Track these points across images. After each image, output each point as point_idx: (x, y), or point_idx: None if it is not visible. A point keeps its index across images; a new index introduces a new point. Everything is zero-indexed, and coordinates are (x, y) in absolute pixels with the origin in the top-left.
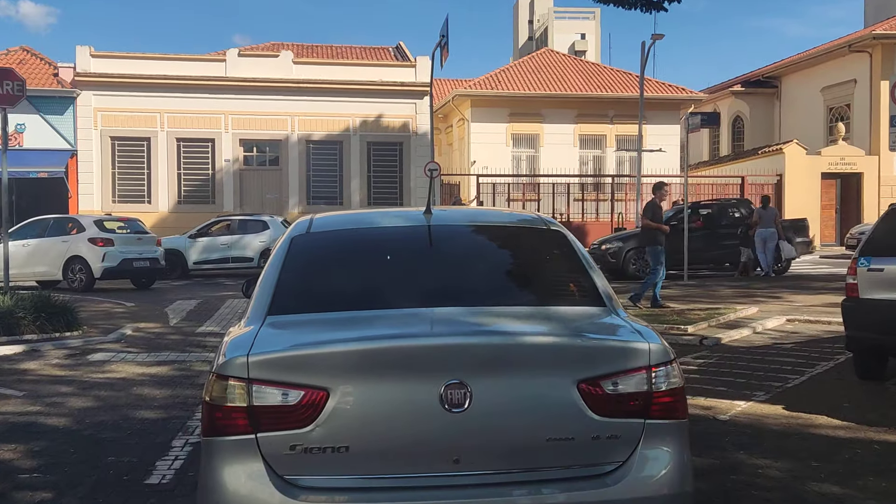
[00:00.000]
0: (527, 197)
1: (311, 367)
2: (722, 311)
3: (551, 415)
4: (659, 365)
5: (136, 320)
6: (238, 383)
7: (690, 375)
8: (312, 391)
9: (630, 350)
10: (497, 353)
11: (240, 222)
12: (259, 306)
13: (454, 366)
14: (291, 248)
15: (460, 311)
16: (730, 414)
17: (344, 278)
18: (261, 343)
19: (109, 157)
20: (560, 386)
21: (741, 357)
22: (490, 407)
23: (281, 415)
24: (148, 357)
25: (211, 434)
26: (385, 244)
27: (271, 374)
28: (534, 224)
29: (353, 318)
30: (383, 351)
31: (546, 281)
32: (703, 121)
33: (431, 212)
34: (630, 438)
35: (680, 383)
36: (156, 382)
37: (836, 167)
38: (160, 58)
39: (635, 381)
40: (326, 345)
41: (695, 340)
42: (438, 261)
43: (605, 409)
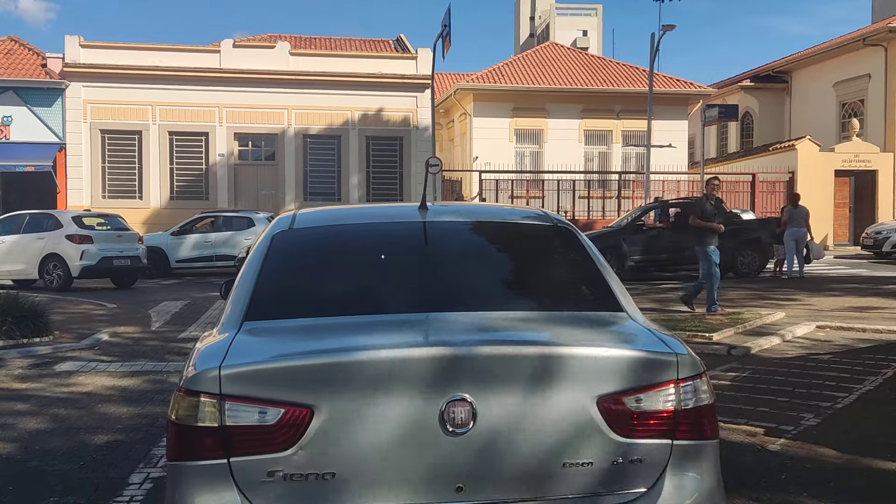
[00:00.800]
0: (531, 194)
1: (292, 382)
2: (745, 316)
3: (567, 436)
4: (687, 379)
5: (116, 324)
6: (208, 400)
7: (724, 392)
8: (294, 409)
9: (656, 362)
10: (506, 364)
11: (224, 219)
12: (235, 311)
13: (457, 380)
14: (272, 246)
15: (462, 316)
16: (780, 443)
17: (330, 280)
18: (235, 353)
19: (99, 150)
20: (577, 403)
21: (777, 370)
22: (497, 427)
23: (258, 436)
24: (121, 367)
25: (177, 458)
26: (376, 242)
27: (247, 390)
28: (540, 221)
29: (340, 325)
30: (375, 362)
31: (556, 283)
32: (720, 113)
33: (427, 207)
34: (656, 462)
35: (710, 399)
36: (124, 398)
37: (849, 164)
38: (152, 48)
39: (661, 397)
40: (311, 355)
41: (722, 350)
42: (435, 261)
43: (627, 429)
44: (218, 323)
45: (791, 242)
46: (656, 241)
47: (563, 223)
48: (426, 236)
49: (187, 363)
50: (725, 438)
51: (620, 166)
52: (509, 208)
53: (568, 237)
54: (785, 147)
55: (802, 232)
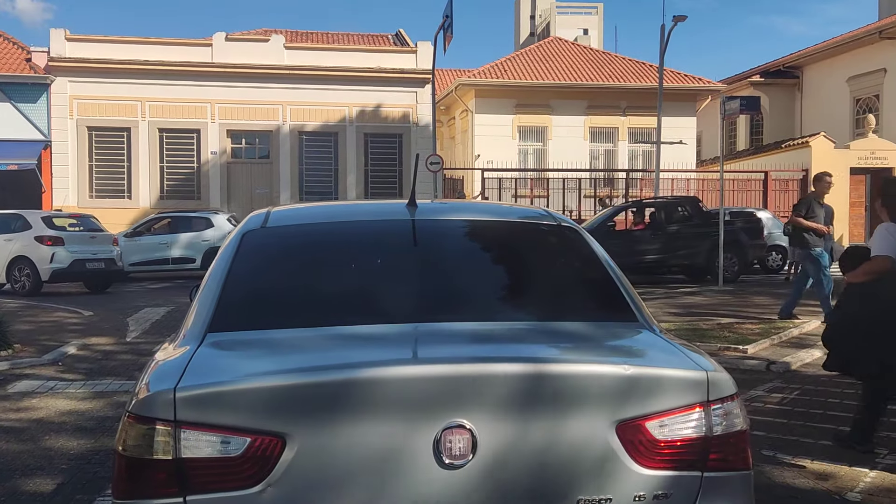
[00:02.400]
0: (534, 193)
1: (260, 406)
2: (777, 325)
3: (583, 468)
4: (719, 400)
5: (88, 334)
6: (161, 427)
7: (775, 420)
8: (263, 438)
9: (683, 381)
10: (510, 385)
11: (181, 219)
12: (197, 320)
13: (453, 403)
14: (241, 247)
15: (457, 328)
16: (859, 489)
17: (307, 285)
18: (194, 371)
19: (86, 148)
20: (594, 429)
21: (827, 390)
22: (501, 458)
23: (220, 470)
24: (83, 387)
25: (123, 496)
26: (359, 243)
27: (207, 416)
28: (542, 220)
29: (318, 339)
30: (358, 383)
31: (562, 290)
32: (742, 106)
33: (416, 204)
34: (683, 497)
35: (744, 425)
36: (78, 427)
37: (865, 161)
38: (141, 42)
39: (690, 422)
40: (282, 375)
41: (760, 365)
42: (426, 264)
43: (651, 460)
44: (178, 334)
45: None
46: (631, 245)
47: (568, 223)
48: (415, 236)
49: (139, 381)
50: (790, 483)
51: (627, 164)
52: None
53: (574, 238)
54: (798, 144)
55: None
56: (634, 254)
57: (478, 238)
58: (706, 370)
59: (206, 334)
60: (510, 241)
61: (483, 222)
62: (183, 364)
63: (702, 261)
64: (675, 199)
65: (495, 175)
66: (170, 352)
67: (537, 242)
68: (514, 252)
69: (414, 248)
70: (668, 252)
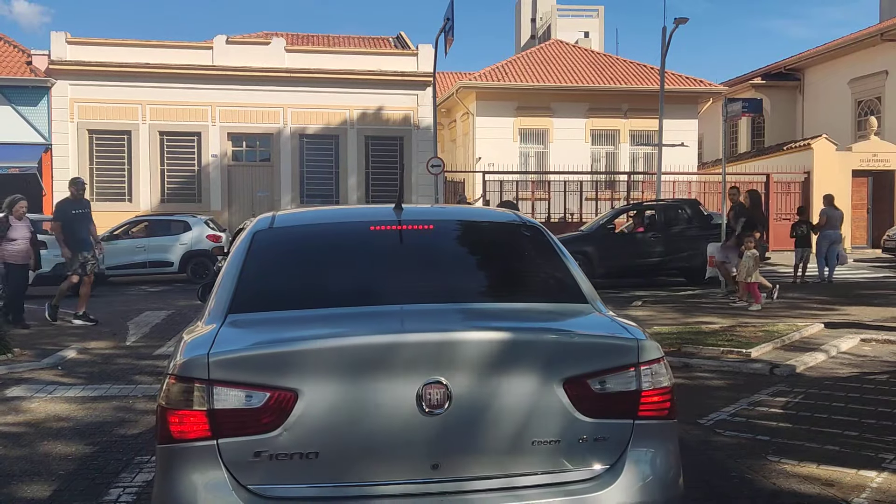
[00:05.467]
0: (535, 195)
1: (277, 367)
2: (781, 328)
3: (536, 416)
4: (647, 363)
5: (88, 338)
6: (198, 385)
7: (780, 424)
8: (279, 392)
9: (617, 346)
10: (478, 349)
11: (159, 223)
12: (219, 304)
13: (432, 364)
14: (254, 244)
15: (436, 307)
16: (865, 494)
17: (310, 275)
18: (222, 341)
19: (87, 151)
20: (545, 385)
21: (832, 394)
22: (471, 408)
23: (244, 419)
24: (82, 391)
25: (166, 441)
26: (352, 241)
27: (234, 375)
28: (509, 220)
29: (321, 316)
30: (357, 348)
31: (525, 278)
32: (744, 107)
33: (402, 208)
34: (618, 440)
35: (669, 382)
36: (76, 432)
37: (867, 164)
38: (142, 45)
39: (623, 380)
40: (294, 342)
41: (763, 369)
42: (410, 258)
43: (592, 409)
44: (203, 316)
45: (824, 244)
46: (631, 247)
47: (531, 222)
48: (401, 236)
49: (175, 352)
50: (796, 489)
51: (628, 167)
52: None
53: (536, 235)
54: (800, 146)
55: (838, 235)
56: (634, 256)
57: (454, 236)
58: (637, 338)
59: (228, 315)
60: (481, 238)
61: (459, 223)
62: (212, 336)
63: (702, 263)
64: (675, 202)
65: (496, 178)
66: (199, 329)
67: (504, 239)
68: (485, 248)
69: (400, 244)
70: (668, 254)
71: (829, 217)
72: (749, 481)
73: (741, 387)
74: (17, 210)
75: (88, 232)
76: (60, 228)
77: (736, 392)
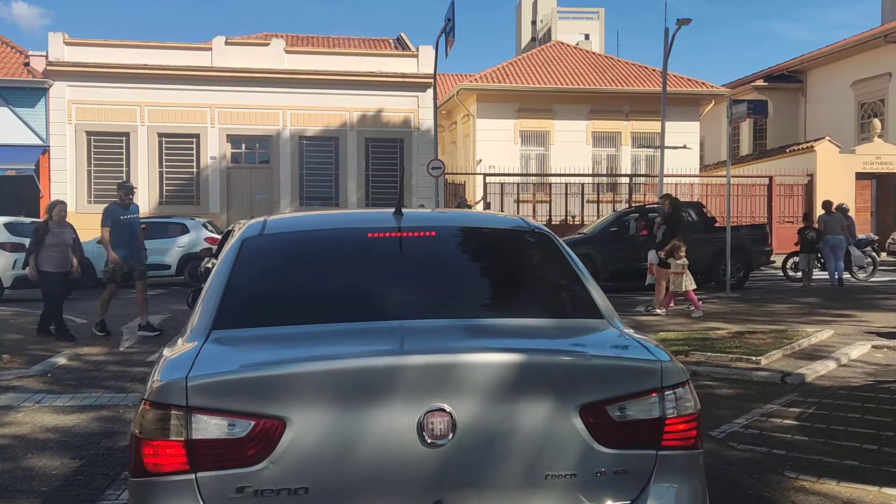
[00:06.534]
0: (537, 198)
1: (264, 392)
2: (789, 334)
3: (550, 446)
4: (672, 387)
5: (80, 343)
6: (174, 412)
7: (795, 437)
8: (266, 421)
9: (639, 369)
10: (486, 373)
11: (156, 225)
12: (203, 319)
13: (435, 389)
14: (242, 252)
15: (439, 324)
16: None
17: (302, 287)
18: (203, 363)
19: (84, 153)
20: (559, 412)
21: (847, 404)
22: (478, 438)
23: (227, 450)
24: (71, 400)
25: (140, 475)
26: (349, 249)
27: (215, 401)
28: (516, 227)
29: (314, 334)
30: (351, 372)
31: (534, 290)
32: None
33: (402, 213)
34: (640, 473)
35: (695, 408)
36: (63, 444)
37: (871, 167)
38: (140, 46)
39: (645, 406)
40: (282, 365)
41: (773, 377)
42: (411, 268)
43: (611, 439)
44: (185, 332)
45: (827, 251)
46: (634, 250)
47: (541, 229)
48: (401, 243)
49: (152, 374)
50: None
51: (630, 169)
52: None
53: (545, 243)
54: (803, 149)
55: (839, 238)
56: (637, 260)
57: (458, 244)
58: (661, 360)
59: (211, 331)
60: (488, 246)
61: (464, 230)
62: (192, 357)
63: (706, 267)
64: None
65: (497, 180)
66: (179, 347)
67: (512, 247)
68: (492, 256)
69: (399, 253)
70: None
71: (827, 223)
72: (767, 500)
73: (752, 396)
74: (56, 215)
75: (136, 238)
76: (108, 234)
77: (747, 402)
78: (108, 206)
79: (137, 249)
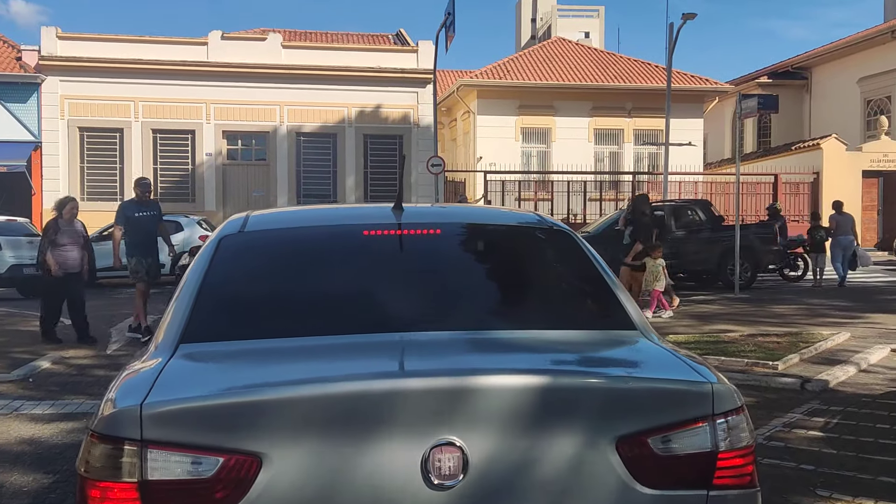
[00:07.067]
0: (538, 196)
1: (236, 423)
2: (805, 337)
3: (581, 488)
4: (724, 413)
5: (66, 346)
6: (127, 447)
7: (822, 450)
8: (238, 457)
9: (686, 393)
10: (504, 399)
11: None
12: (170, 331)
13: (443, 419)
14: (218, 253)
15: (446, 337)
16: None
17: (287, 293)
18: (164, 385)
19: (77, 149)
20: (592, 446)
21: (873, 413)
22: (494, 478)
23: (190, 493)
24: (51, 407)
25: None
26: (341, 249)
27: (176, 434)
28: (534, 224)
29: (299, 349)
30: (341, 398)
31: (556, 297)
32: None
33: (402, 208)
34: None
35: (751, 439)
36: (37, 457)
37: (878, 164)
38: (135, 40)
39: (695, 437)
40: (259, 389)
41: (793, 384)
42: (412, 271)
43: (653, 478)
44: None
45: (838, 251)
46: None
47: (560, 226)
48: (401, 242)
49: (105, 397)
50: None
51: (632, 167)
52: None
53: (566, 242)
54: (809, 146)
55: (849, 240)
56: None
57: (467, 243)
58: (710, 382)
59: (179, 345)
60: (501, 246)
61: (473, 227)
62: (152, 378)
63: (713, 267)
64: (685, 203)
65: (498, 178)
66: (139, 365)
67: (529, 248)
68: (506, 258)
69: (400, 253)
70: (677, 258)
71: (839, 223)
72: None
73: (772, 404)
74: (68, 212)
75: (155, 236)
76: (120, 233)
77: (768, 410)
78: (121, 203)
79: (154, 249)
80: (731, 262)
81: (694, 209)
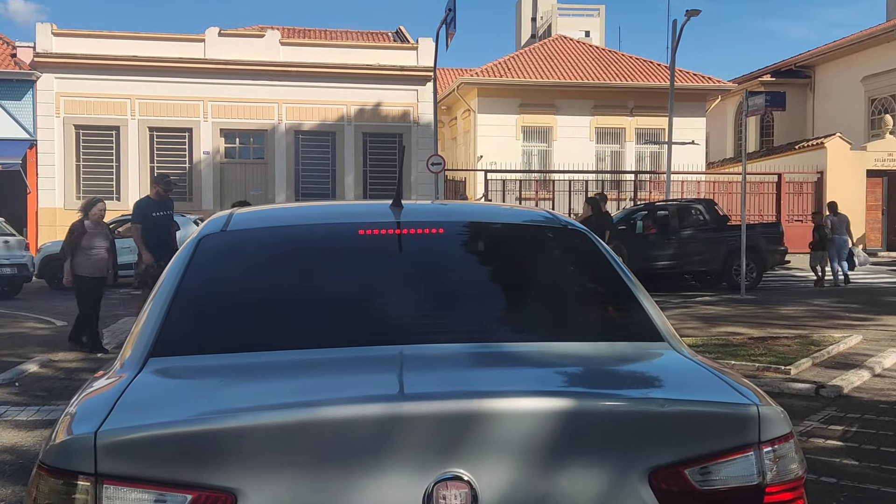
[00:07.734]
0: (539, 195)
1: (206, 453)
2: (816, 340)
3: None
4: (772, 441)
5: (55, 348)
6: (80, 482)
7: (844, 462)
8: (208, 494)
9: (728, 417)
10: (519, 425)
11: None
12: (140, 342)
13: (449, 449)
14: (197, 255)
15: (451, 352)
16: None
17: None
18: (125, 408)
19: (73, 147)
20: (622, 479)
21: (892, 421)
22: None
23: None
24: (36, 413)
25: None
26: (334, 250)
27: (136, 467)
28: (546, 223)
29: (283, 365)
30: (328, 425)
31: (573, 305)
32: (767, 101)
33: (402, 205)
34: None
35: (802, 470)
36: (17, 468)
37: (882, 164)
38: (131, 37)
39: (739, 468)
40: (236, 414)
41: (807, 389)
42: (413, 275)
43: None
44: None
45: (833, 251)
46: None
47: (575, 225)
48: (400, 242)
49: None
50: None
51: (634, 166)
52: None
53: (583, 243)
54: (812, 146)
55: (844, 240)
56: (646, 259)
57: (473, 244)
58: (756, 404)
59: (148, 359)
60: (510, 247)
61: (478, 226)
62: (113, 398)
63: (718, 267)
64: (690, 202)
65: (498, 176)
66: (101, 382)
67: (542, 250)
68: (516, 261)
69: (398, 255)
70: (682, 258)
71: (834, 223)
72: None
73: (787, 411)
74: (94, 214)
75: (173, 236)
76: (140, 232)
77: None
78: (139, 201)
79: (172, 250)
80: (737, 262)
81: (698, 209)
